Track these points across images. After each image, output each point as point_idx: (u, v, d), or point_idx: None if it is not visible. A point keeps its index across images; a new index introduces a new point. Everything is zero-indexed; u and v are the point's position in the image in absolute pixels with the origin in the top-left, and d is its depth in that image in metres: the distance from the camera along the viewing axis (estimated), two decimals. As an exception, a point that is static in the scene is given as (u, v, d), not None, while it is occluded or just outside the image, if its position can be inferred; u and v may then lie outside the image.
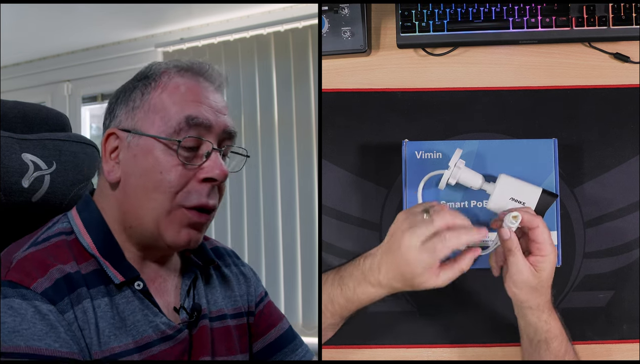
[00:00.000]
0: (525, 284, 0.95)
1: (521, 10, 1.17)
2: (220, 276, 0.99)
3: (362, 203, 1.19)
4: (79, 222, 0.86)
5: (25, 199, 0.95)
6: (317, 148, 2.46)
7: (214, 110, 0.86)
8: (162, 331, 0.84)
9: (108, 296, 0.81)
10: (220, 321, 0.95)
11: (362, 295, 0.96)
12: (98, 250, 0.83)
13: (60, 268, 0.79)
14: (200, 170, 0.83)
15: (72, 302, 0.77)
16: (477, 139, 1.11)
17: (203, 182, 0.83)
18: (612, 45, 1.20)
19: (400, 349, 1.16)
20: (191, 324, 0.88)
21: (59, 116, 1.09)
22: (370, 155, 1.20)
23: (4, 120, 0.99)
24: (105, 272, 0.82)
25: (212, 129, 0.84)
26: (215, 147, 0.84)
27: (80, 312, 0.77)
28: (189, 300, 0.91)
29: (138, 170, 0.83)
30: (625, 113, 1.18)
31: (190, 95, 0.85)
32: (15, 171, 0.94)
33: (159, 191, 0.81)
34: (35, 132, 1.01)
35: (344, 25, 1.21)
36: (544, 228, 0.95)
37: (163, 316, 0.85)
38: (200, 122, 0.83)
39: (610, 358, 1.14)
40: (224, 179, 0.84)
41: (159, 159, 0.82)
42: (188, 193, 0.82)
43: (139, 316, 0.83)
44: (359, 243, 1.18)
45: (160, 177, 0.81)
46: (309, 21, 2.48)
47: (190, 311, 0.88)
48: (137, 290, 0.84)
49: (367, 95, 1.22)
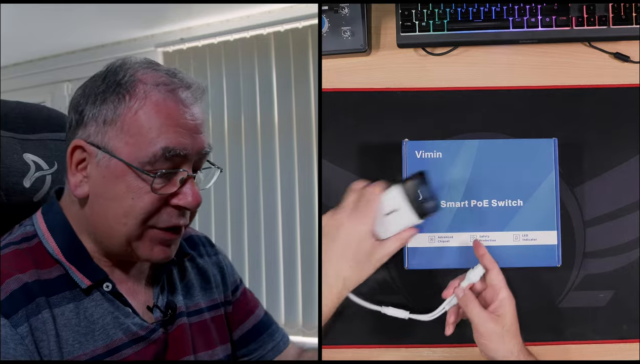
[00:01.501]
0: (491, 333, 0.96)
1: (521, 10, 1.17)
2: (196, 267, 0.98)
3: (362, 203, 1.19)
4: (43, 225, 0.83)
5: (27, 199, 0.96)
6: (317, 148, 2.46)
7: (191, 133, 0.80)
8: (133, 333, 0.82)
9: (74, 301, 0.79)
10: (198, 316, 0.94)
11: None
12: (63, 254, 0.81)
13: (18, 278, 0.76)
14: (174, 196, 0.80)
15: (28, 314, 0.74)
16: (477, 139, 1.11)
17: (174, 207, 0.81)
18: (612, 45, 1.20)
19: (400, 349, 1.16)
20: (166, 322, 0.87)
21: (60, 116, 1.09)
22: (370, 155, 1.20)
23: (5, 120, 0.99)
24: (70, 277, 0.80)
25: (188, 156, 0.80)
26: (190, 174, 0.81)
27: (38, 323, 0.75)
28: (162, 298, 0.89)
29: (108, 194, 0.80)
30: (625, 113, 1.18)
31: (168, 118, 0.79)
32: (16, 171, 0.94)
33: (130, 217, 0.79)
34: (36, 132, 1.01)
35: (344, 25, 1.21)
36: (497, 272, 0.97)
37: (135, 316, 0.83)
38: (177, 153, 0.79)
39: (610, 358, 1.15)
40: (196, 207, 0.82)
41: (130, 186, 0.79)
42: (159, 217, 0.80)
43: (108, 319, 0.81)
44: (359, 243, 1.18)
45: (131, 202, 0.79)
46: (309, 21, 2.49)
47: (164, 309, 0.87)
48: (106, 291, 0.82)
49: (367, 95, 1.22)
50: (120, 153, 0.78)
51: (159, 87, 0.80)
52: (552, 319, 1.16)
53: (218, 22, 2.73)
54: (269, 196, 2.60)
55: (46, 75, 3.22)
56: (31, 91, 3.24)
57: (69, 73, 3.14)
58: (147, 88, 0.79)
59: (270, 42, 2.60)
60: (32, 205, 0.96)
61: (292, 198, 2.54)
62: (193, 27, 2.79)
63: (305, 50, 2.53)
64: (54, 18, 2.63)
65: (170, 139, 0.78)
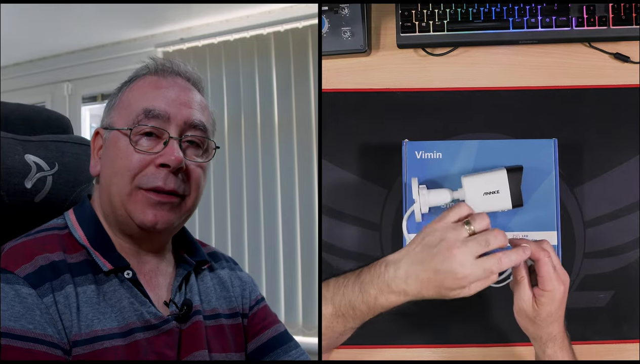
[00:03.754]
0: (523, 313, 0.96)
1: (521, 10, 1.17)
2: (216, 277, 1.02)
3: (362, 203, 1.19)
4: (73, 217, 0.91)
5: (28, 200, 0.96)
6: (317, 148, 2.46)
7: (176, 103, 0.90)
8: (146, 320, 0.86)
9: (95, 283, 0.85)
10: (214, 320, 0.97)
11: (385, 302, 0.96)
12: (89, 241, 0.88)
13: (47, 256, 0.84)
14: (157, 156, 0.87)
15: (54, 287, 0.81)
16: (477, 139, 1.11)
17: (159, 167, 0.87)
18: (612, 45, 1.20)
19: (400, 349, 1.17)
20: (181, 318, 0.90)
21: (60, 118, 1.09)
22: (370, 155, 1.20)
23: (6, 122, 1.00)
24: (94, 262, 0.87)
25: (170, 120, 0.89)
26: (172, 136, 0.88)
27: (61, 297, 0.81)
28: (180, 295, 0.93)
29: (107, 161, 0.90)
30: (625, 113, 1.18)
31: (152, 89, 0.90)
32: (18, 172, 0.95)
33: (118, 175, 0.87)
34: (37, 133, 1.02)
35: (344, 25, 1.21)
36: (548, 262, 0.93)
37: (151, 306, 0.88)
38: (157, 113, 0.88)
39: (610, 358, 1.15)
40: (176, 165, 0.87)
41: (120, 148, 0.88)
42: (145, 176, 0.87)
43: (125, 303, 0.86)
44: (359, 243, 1.18)
45: (120, 162, 0.87)
46: (309, 21, 2.49)
47: (180, 306, 0.91)
48: (127, 278, 0.87)
49: (367, 95, 1.22)
50: (117, 126, 0.90)
51: (154, 71, 0.93)
52: (552, 320, 1.16)
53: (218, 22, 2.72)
54: (269, 196, 2.60)
55: (46, 75, 3.22)
56: (31, 91, 3.24)
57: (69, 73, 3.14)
58: (146, 76, 0.93)
59: (270, 42, 2.59)
60: (33, 206, 0.96)
61: (292, 198, 2.54)
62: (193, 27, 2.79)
63: (305, 50, 2.52)
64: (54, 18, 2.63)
65: (151, 102, 0.89)
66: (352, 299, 0.98)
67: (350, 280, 1.01)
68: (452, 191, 1.06)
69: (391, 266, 0.95)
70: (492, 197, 1.02)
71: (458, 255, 0.89)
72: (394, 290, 0.94)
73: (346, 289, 1.00)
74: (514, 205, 1.03)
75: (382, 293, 0.95)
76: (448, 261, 0.90)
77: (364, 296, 0.97)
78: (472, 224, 0.93)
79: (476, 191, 1.03)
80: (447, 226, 0.93)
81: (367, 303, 0.97)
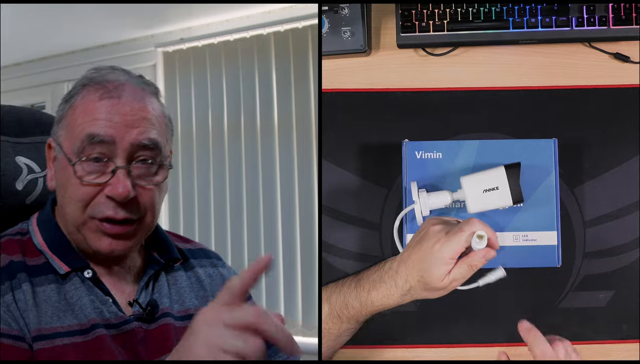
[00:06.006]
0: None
1: (521, 10, 1.17)
2: (194, 276, 0.99)
3: (362, 203, 1.19)
4: (34, 222, 0.92)
5: (19, 201, 0.97)
6: (317, 148, 2.46)
7: (121, 125, 0.84)
8: (106, 319, 0.85)
9: (56, 283, 0.85)
10: (188, 321, 0.92)
11: (375, 297, 0.98)
12: (47, 245, 0.88)
13: (5, 257, 0.85)
14: (106, 186, 0.84)
15: (13, 286, 0.82)
16: (477, 139, 1.11)
17: (108, 198, 0.85)
18: (612, 45, 1.20)
19: (400, 349, 1.17)
20: (145, 319, 0.89)
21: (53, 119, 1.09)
22: (370, 155, 1.20)
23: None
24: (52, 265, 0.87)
25: (116, 145, 0.84)
26: (118, 165, 0.84)
27: (20, 294, 0.82)
28: (145, 295, 0.91)
29: (59, 184, 0.88)
30: (625, 113, 1.18)
31: (96, 112, 0.85)
32: (9, 174, 0.95)
33: (71, 205, 0.85)
34: (29, 135, 1.02)
35: (344, 25, 1.21)
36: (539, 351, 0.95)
37: (112, 305, 0.87)
38: (100, 139, 0.84)
39: (610, 358, 1.15)
40: (124, 198, 0.84)
41: (68, 176, 0.85)
42: (94, 207, 0.85)
43: (85, 301, 0.86)
44: (359, 243, 1.18)
45: (70, 191, 0.85)
46: (309, 21, 2.48)
47: (144, 306, 0.89)
48: (87, 277, 0.87)
49: (367, 95, 1.22)
50: (64, 148, 0.86)
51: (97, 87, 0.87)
52: (552, 320, 1.16)
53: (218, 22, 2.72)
54: (268, 196, 2.59)
55: (46, 75, 3.22)
56: (31, 91, 3.23)
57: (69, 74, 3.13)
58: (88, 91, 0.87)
59: (270, 42, 2.59)
60: (25, 208, 0.97)
61: (292, 198, 2.54)
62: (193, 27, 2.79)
63: (305, 50, 2.52)
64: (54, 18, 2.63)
65: (95, 127, 0.84)
66: (347, 296, 1.00)
67: (349, 278, 1.03)
68: (452, 193, 1.06)
69: (388, 262, 0.99)
70: (492, 194, 1.02)
71: (435, 228, 0.94)
72: (385, 280, 0.97)
73: (343, 287, 1.02)
74: (514, 200, 1.03)
75: (374, 287, 0.98)
76: (426, 237, 0.94)
77: (358, 291, 0.99)
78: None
79: (476, 190, 1.03)
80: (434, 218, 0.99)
81: (359, 299, 0.98)
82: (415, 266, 0.94)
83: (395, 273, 0.97)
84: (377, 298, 0.98)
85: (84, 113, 0.85)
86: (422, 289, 0.95)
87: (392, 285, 0.97)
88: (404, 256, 0.97)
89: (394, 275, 0.97)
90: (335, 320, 1.02)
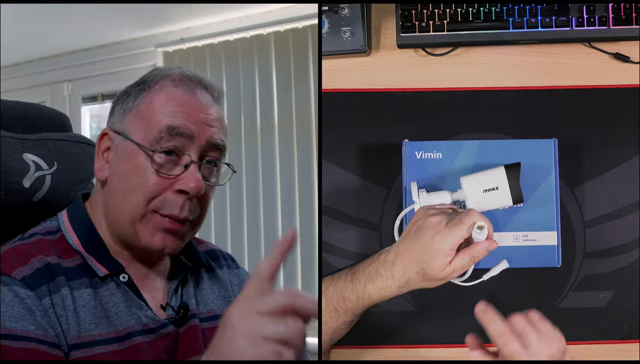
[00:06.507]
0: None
1: (521, 10, 1.17)
2: (215, 277, 1.00)
3: (362, 203, 1.19)
4: (66, 221, 0.89)
5: (27, 199, 0.96)
6: (317, 148, 2.46)
7: (200, 122, 0.86)
8: (144, 324, 0.85)
9: (92, 287, 0.84)
10: (212, 321, 0.95)
11: (372, 290, 0.98)
12: (83, 246, 0.86)
13: (42, 258, 0.82)
14: (177, 181, 0.84)
15: (51, 290, 0.80)
16: (477, 139, 1.11)
17: (178, 192, 0.84)
18: (612, 45, 1.20)
19: (400, 349, 1.16)
20: (178, 322, 0.89)
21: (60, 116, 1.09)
22: (370, 155, 1.20)
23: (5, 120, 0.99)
24: (90, 266, 0.85)
25: (194, 140, 0.85)
26: (194, 159, 0.85)
27: (58, 299, 0.80)
28: (176, 298, 0.92)
29: (120, 173, 0.86)
30: (625, 113, 1.18)
31: (177, 105, 0.86)
32: (16, 171, 0.94)
33: (134, 194, 0.84)
34: (36, 132, 1.01)
35: (344, 25, 1.21)
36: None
37: (148, 309, 0.87)
38: (180, 132, 0.84)
39: (610, 358, 1.14)
40: (197, 193, 0.85)
41: (138, 165, 0.84)
42: (163, 201, 0.84)
43: (121, 307, 0.85)
44: (359, 243, 1.18)
45: (137, 181, 0.84)
46: (309, 21, 2.49)
47: (177, 309, 0.90)
48: (122, 282, 0.86)
49: (367, 95, 1.22)
50: (134, 136, 0.85)
51: (176, 82, 0.87)
52: (552, 320, 1.15)
53: (218, 22, 2.73)
54: (269, 196, 2.60)
55: (46, 75, 3.22)
56: (31, 91, 3.23)
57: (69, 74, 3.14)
58: (166, 83, 0.87)
59: (270, 42, 2.59)
60: (32, 205, 0.96)
61: (292, 198, 2.54)
62: (193, 27, 2.79)
63: (305, 50, 2.52)
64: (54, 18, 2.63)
65: (175, 119, 0.84)
66: (343, 289, 1.00)
67: (344, 272, 1.03)
68: (452, 193, 1.06)
69: (383, 254, 0.99)
70: (492, 194, 1.02)
71: (433, 219, 0.94)
72: (383, 274, 0.97)
73: (339, 281, 1.02)
74: (514, 200, 1.03)
75: (370, 280, 0.98)
76: (425, 228, 0.94)
77: (354, 284, 0.99)
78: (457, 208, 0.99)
79: (476, 190, 1.03)
80: (430, 206, 0.99)
81: (356, 292, 0.98)
82: (413, 258, 0.94)
83: (392, 265, 0.96)
84: (374, 290, 0.98)
85: (161, 104, 0.85)
86: (420, 280, 0.95)
87: (389, 277, 0.97)
88: (401, 248, 0.97)
89: (391, 267, 0.96)
90: (332, 313, 1.02)
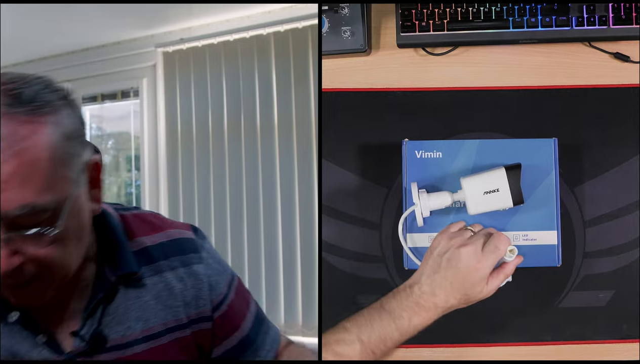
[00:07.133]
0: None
1: (521, 10, 1.17)
2: (162, 282, 0.85)
3: (362, 203, 1.19)
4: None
5: None
6: (317, 148, 2.46)
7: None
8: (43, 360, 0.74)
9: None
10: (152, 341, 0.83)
11: (419, 322, 0.98)
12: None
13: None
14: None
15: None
16: (477, 139, 1.11)
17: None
18: (612, 45, 1.20)
19: (400, 349, 1.16)
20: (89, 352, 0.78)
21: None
22: (370, 155, 1.20)
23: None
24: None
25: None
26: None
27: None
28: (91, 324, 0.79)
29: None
30: (625, 113, 1.18)
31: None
32: None
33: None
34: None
35: (344, 25, 1.21)
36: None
37: (44, 348, 0.76)
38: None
39: (610, 358, 1.14)
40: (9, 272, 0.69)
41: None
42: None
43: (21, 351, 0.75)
44: (359, 243, 1.18)
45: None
46: (309, 21, 2.48)
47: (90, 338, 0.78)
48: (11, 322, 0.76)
49: (367, 95, 1.22)
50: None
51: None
52: (552, 319, 1.16)
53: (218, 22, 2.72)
54: (268, 196, 2.59)
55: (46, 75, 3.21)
56: (31, 91, 3.23)
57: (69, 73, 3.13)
58: None
59: (270, 42, 2.59)
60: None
61: (292, 198, 2.54)
62: (193, 27, 2.79)
63: (305, 50, 2.52)
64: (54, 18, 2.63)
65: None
66: (383, 331, 0.97)
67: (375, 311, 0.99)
68: (452, 194, 1.06)
69: (415, 286, 0.98)
70: (492, 196, 1.03)
71: (468, 250, 0.96)
72: (425, 305, 0.97)
73: (373, 323, 0.98)
74: (514, 202, 1.03)
75: (415, 314, 0.97)
76: (462, 259, 0.96)
77: (397, 322, 0.97)
78: (471, 227, 1.02)
79: (476, 192, 1.03)
80: (451, 235, 1.00)
81: (400, 330, 0.97)
82: (455, 288, 0.96)
83: (432, 296, 0.97)
84: (420, 322, 0.98)
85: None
86: (462, 304, 0.98)
87: (431, 308, 0.97)
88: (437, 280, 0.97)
89: (432, 298, 0.97)
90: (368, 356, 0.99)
